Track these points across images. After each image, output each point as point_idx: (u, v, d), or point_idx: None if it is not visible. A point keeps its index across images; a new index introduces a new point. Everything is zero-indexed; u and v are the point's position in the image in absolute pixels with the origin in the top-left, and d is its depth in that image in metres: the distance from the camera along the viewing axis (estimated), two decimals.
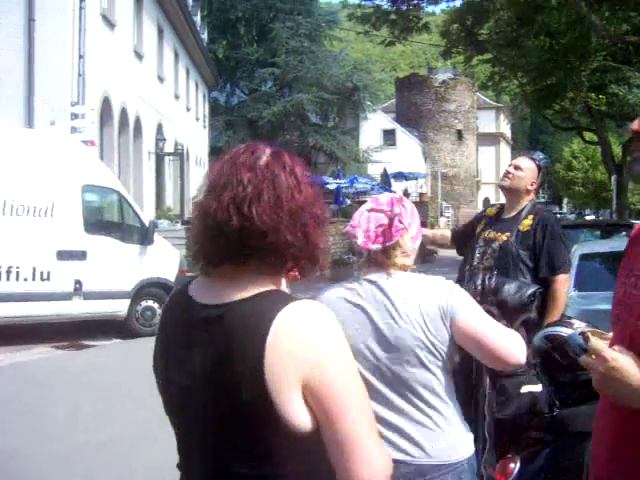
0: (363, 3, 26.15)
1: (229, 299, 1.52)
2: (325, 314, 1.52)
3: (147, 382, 2.04)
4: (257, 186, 1.51)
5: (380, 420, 2.26)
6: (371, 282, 2.41)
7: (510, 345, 2.35)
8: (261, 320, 1.46)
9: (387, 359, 2.34)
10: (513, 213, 4.37)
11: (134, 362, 6.65)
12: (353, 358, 1.54)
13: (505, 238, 4.21)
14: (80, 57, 15.18)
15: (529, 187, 4.36)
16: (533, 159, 4.43)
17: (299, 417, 1.46)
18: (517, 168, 4.38)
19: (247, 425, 1.47)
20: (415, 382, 2.33)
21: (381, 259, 2.41)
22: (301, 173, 1.60)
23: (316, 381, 1.45)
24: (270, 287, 1.55)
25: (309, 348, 1.45)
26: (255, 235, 1.50)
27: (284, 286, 1.65)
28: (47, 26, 14.82)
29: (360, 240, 2.40)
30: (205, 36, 34.87)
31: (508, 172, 4.41)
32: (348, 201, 31.53)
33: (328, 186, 31.37)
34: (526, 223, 4.23)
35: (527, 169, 4.37)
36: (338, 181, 31.37)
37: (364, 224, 2.42)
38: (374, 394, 2.27)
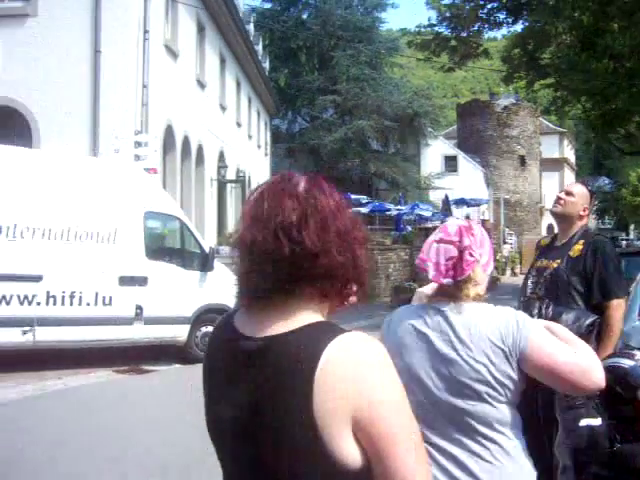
0: (423, 30, 26.13)
1: (275, 331, 1.50)
2: (375, 347, 1.47)
3: None
4: (302, 211, 1.50)
5: (437, 448, 2.23)
6: (438, 311, 2.35)
7: (589, 368, 2.25)
8: (309, 354, 1.43)
9: (446, 390, 2.28)
10: (565, 240, 4.30)
11: (193, 387, 6.66)
12: (405, 393, 1.49)
13: (556, 265, 4.13)
14: (144, 87, 15.52)
15: (581, 213, 4.29)
16: (585, 184, 4.37)
17: (348, 453, 1.42)
18: (568, 194, 4.31)
19: (294, 461, 1.44)
20: (474, 415, 2.26)
21: (452, 291, 2.35)
22: (339, 196, 1.58)
23: (366, 417, 1.41)
24: (318, 317, 1.53)
25: (359, 383, 1.41)
26: (307, 259, 1.48)
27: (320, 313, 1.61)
28: (112, 57, 15.22)
29: (431, 274, 2.35)
30: (267, 65, 35.32)
31: (559, 198, 4.34)
32: (409, 228, 31.38)
33: (388, 213, 31.30)
34: (577, 248, 4.15)
35: (578, 195, 4.30)
36: (399, 207, 31.27)
37: (434, 257, 2.36)
38: (431, 422, 2.24)
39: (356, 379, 1.41)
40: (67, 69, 15.25)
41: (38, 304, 10.02)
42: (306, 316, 1.51)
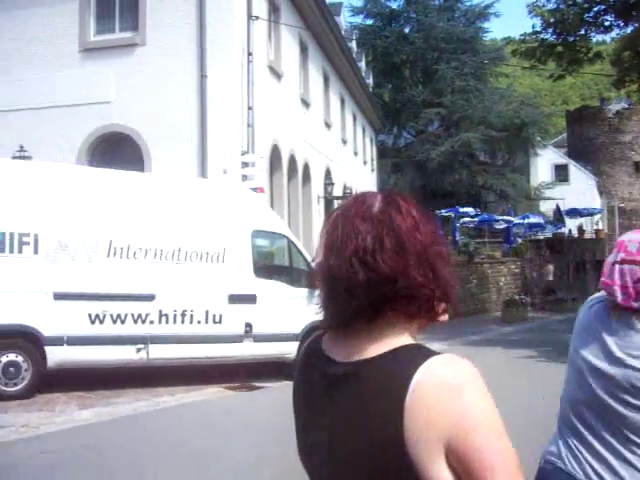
0: (527, 38, 25.50)
1: (362, 356, 1.46)
2: (467, 370, 1.40)
3: None
4: (377, 234, 1.45)
5: (588, 446, 2.22)
6: (623, 322, 2.26)
7: None
8: (397, 380, 1.38)
9: (607, 392, 2.22)
10: None
11: None
12: (499, 416, 1.42)
13: None
14: (249, 108, 15.82)
15: None
16: None
17: None
18: None
19: None
20: (630, 422, 2.19)
21: None
22: (417, 213, 1.52)
23: (461, 445, 1.35)
24: (406, 340, 1.48)
25: (452, 409, 1.35)
26: (385, 283, 1.43)
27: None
28: (218, 81, 15.61)
29: (620, 298, 2.24)
30: (370, 81, 35.42)
31: None
32: (519, 240, 30.67)
33: (497, 225, 30.69)
34: None
35: None
36: (509, 219, 30.64)
37: (618, 280, 2.25)
38: (586, 418, 2.25)
39: (447, 405, 1.35)
40: (175, 94, 15.74)
41: (151, 322, 10.33)
42: (393, 339, 1.46)
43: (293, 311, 11.38)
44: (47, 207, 9.82)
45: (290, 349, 11.33)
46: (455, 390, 1.36)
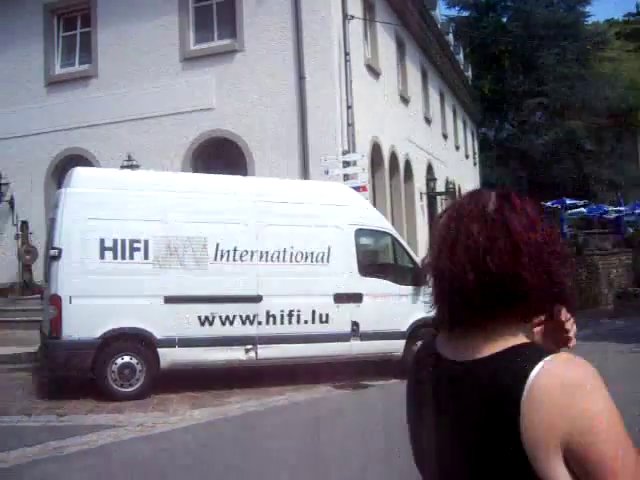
0: (632, 19, 24.58)
1: (478, 355, 1.43)
2: (584, 369, 1.36)
3: None
4: (489, 235, 1.41)
5: None
6: None
7: None
8: (514, 379, 1.35)
9: None
10: None
11: None
12: (619, 416, 1.35)
13: None
14: (348, 107, 15.84)
15: None
16: None
17: None
18: None
19: None
20: None
21: None
22: (533, 212, 1.46)
23: (580, 446, 1.30)
24: (521, 339, 1.44)
25: (569, 410, 1.31)
26: (497, 285, 1.39)
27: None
28: (316, 82, 15.71)
29: None
30: (469, 73, 34.90)
31: None
32: (631, 230, 29.52)
33: (606, 215, 29.68)
34: None
35: None
36: (619, 209, 29.56)
37: None
38: None
39: (565, 406, 1.31)
40: (274, 98, 15.94)
41: (259, 323, 10.47)
42: (508, 338, 1.43)
43: (399, 309, 11.31)
44: (155, 214, 10.10)
45: (397, 347, 11.28)
46: (573, 390, 1.32)
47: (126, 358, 9.98)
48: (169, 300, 10.01)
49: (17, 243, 18.24)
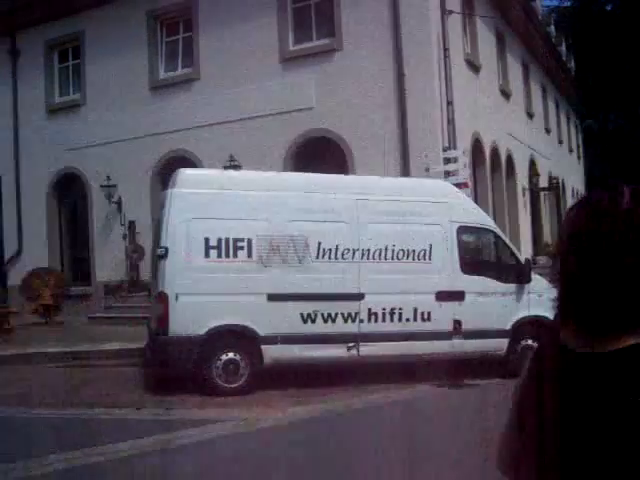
0: None
1: (610, 347, 1.37)
2: None
3: None
4: (622, 233, 1.35)
5: None
6: None
7: None
8: None
9: None
10: None
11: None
12: None
13: None
14: (449, 104, 15.67)
15: None
16: None
17: None
18: None
19: None
20: None
21: None
22: None
23: None
24: None
25: None
26: (629, 283, 1.34)
27: None
28: (415, 79, 15.60)
29: None
30: (572, 65, 33.95)
31: None
32: None
33: None
34: None
35: None
36: None
37: None
38: None
39: None
40: (374, 95, 15.92)
41: (361, 321, 10.48)
42: None
43: (502, 307, 11.11)
44: (258, 213, 10.26)
45: (499, 346, 11.09)
46: None
47: (230, 354, 10.18)
48: (272, 298, 10.15)
49: (125, 242, 18.87)
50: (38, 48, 21.28)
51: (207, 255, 10.05)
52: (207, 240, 10.03)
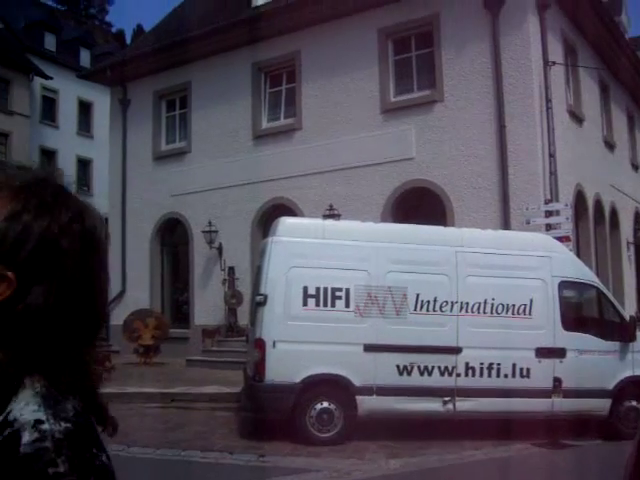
0: None
1: None
2: None
3: None
4: None
5: None
6: None
7: None
8: None
9: None
10: None
11: (616, 466, 6.23)
12: None
13: None
14: (551, 156, 15.46)
15: None
16: None
17: None
18: None
19: None
20: None
21: None
22: None
23: None
24: None
25: None
26: None
27: None
28: (517, 130, 15.50)
29: None
30: None
31: None
32: None
33: None
34: None
35: None
36: None
37: None
38: None
39: None
40: (473, 147, 15.90)
41: (458, 375, 10.33)
42: None
43: (605, 366, 10.76)
44: (357, 263, 10.32)
45: (601, 406, 10.71)
46: None
47: (325, 403, 10.18)
48: (369, 348, 10.14)
49: (224, 287, 19.23)
50: (147, 98, 22.24)
51: (305, 304, 10.14)
52: (305, 289, 10.14)
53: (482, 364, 10.37)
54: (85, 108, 43.11)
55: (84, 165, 40.81)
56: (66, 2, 72.28)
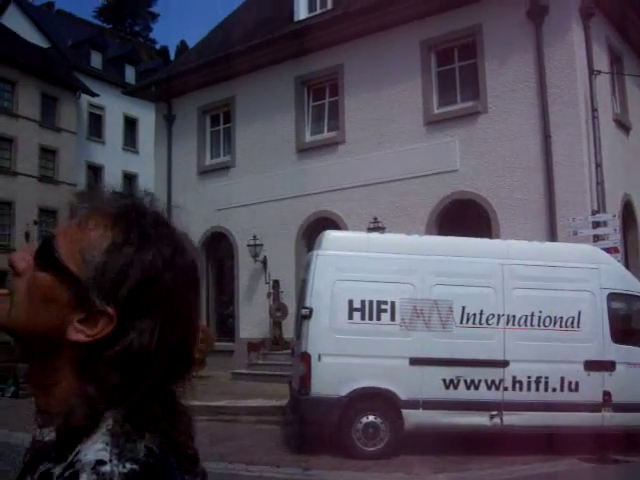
0: None
1: None
2: None
3: None
4: None
5: None
6: None
7: None
8: None
9: None
10: None
11: None
12: None
13: None
14: (597, 166, 15.26)
15: None
16: None
17: None
18: None
19: None
20: None
21: None
22: None
23: None
24: None
25: None
26: None
27: None
28: (562, 140, 15.34)
29: None
30: None
31: None
32: None
33: None
34: None
35: None
36: None
37: None
38: None
39: None
40: (518, 158, 15.77)
41: (505, 389, 10.22)
42: None
43: None
44: (402, 276, 10.28)
45: None
46: None
47: (371, 417, 10.16)
48: (414, 362, 10.09)
49: (269, 301, 19.30)
50: (192, 113, 22.51)
51: (350, 317, 10.15)
52: (351, 302, 10.14)
53: (529, 377, 10.25)
54: (131, 124, 43.85)
55: (130, 180, 41.42)
56: (111, 20, 73.79)
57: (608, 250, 12.76)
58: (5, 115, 35.74)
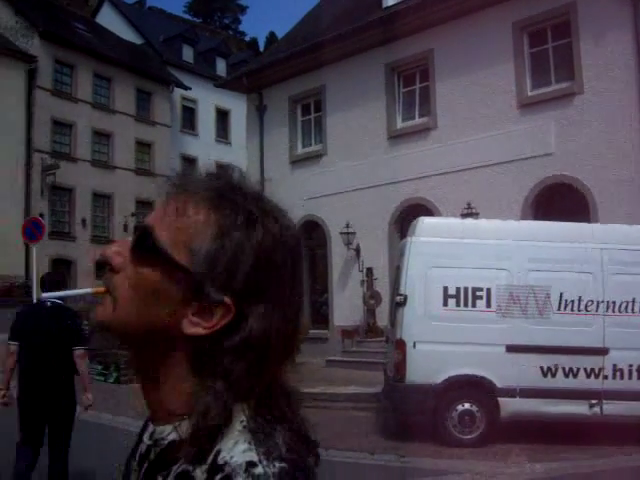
0: None
1: None
2: None
3: None
4: None
5: None
6: None
7: None
8: None
9: None
10: None
11: None
12: None
13: None
14: None
15: None
16: None
17: None
18: None
19: None
20: None
21: None
22: None
23: None
24: None
25: None
26: None
27: None
28: None
29: None
30: None
31: None
32: None
33: None
34: None
35: None
36: None
37: None
38: None
39: None
40: (616, 140, 15.28)
41: (605, 377, 9.97)
42: None
43: None
44: (497, 262, 10.15)
45: None
46: None
47: (467, 405, 10.10)
48: (511, 349, 9.96)
49: (362, 288, 19.34)
50: (283, 103, 22.69)
51: (445, 304, 10.09)
52: (446, 289, 10.08)
53: (631, 366, 9.96)
54: (223, 116, 44.57)
55: None
56: (201, 15, 75.09)
57: None
58: (103, 111, 36.84)
